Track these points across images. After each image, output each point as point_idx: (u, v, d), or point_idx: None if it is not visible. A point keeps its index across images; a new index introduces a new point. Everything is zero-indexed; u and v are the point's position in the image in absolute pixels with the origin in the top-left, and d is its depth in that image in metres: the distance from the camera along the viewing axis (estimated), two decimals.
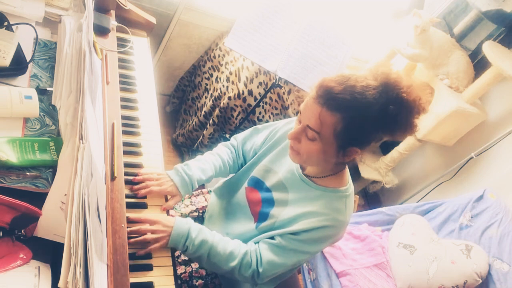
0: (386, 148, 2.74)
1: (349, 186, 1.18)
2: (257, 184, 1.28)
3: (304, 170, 1.20)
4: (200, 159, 1.33)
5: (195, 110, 2.52)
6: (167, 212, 1.21)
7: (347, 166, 1.18)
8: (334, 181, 1.16)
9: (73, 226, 0.83)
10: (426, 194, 2.62)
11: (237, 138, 1.42)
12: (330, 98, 0.98)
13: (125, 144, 1.23)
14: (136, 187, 1.18)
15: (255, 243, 1.19)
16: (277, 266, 1.14)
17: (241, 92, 2.20)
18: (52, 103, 1.18)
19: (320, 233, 1.12)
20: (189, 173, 1.25)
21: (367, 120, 1.00)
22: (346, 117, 0.98)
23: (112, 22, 1.47)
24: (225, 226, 1.33)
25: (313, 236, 1.12)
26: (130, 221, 1.08)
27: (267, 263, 1.13)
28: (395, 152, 2.58)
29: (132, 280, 0.98)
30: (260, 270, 1.14)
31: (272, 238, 1.17)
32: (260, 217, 1.24)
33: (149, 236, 1.06)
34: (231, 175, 1.41)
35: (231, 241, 1.17)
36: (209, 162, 1.32)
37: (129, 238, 1.01)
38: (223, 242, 1.14)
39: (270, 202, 1.23)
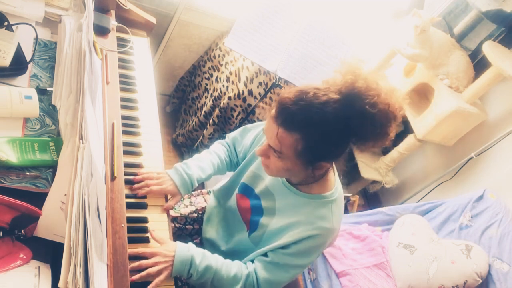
0: (386, 148, 2.73)
1: (335, 190, 1.14)
2: (247, 191, 1.26)
3: None
4: (198, 157, 1.32)
5: (195, 110, 2.52)
6: (167, 212, 1.21)
7: (332, 169, 1.14)
8: (318, 187, 1.13)
9: (73, 226, 0.83)
10: (426, 194, 2.61)
11: (229, 137, 1.41)
12: (286, 118, 0.94)
13: (125, 144, 1.23)
14: (136, 186, 1.17)
15: (252, 261, 1.18)
16: (274, 283, 1.13)
17: (241, 92, 2.20)
18: (52, 103, 1.18)
19: (307, 243, 1.09)
20: (189, 172, 1.24)
21: (329, 136, 0.95)
22: (305, 136, 0.94)
23: (112, 22, 1.47)
24: (222, 231, 1.34)
25: (301, 247, 1.10)
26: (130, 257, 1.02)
27: (264, 282, 1.12)
28: (395, 152, 2.58)
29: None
30: None
31: (265, 255, 1.15)
32: (251, 225, 1.23)
33: (152, 270, 1.02)
34: (229, 173, 1.40)
35: (234, 264, 1.15)
36: (208, 161, 1.31)
37: (131, 274, 0.98)
38: (226, 265, 1.13)
39: (259, 211, 1.21)
